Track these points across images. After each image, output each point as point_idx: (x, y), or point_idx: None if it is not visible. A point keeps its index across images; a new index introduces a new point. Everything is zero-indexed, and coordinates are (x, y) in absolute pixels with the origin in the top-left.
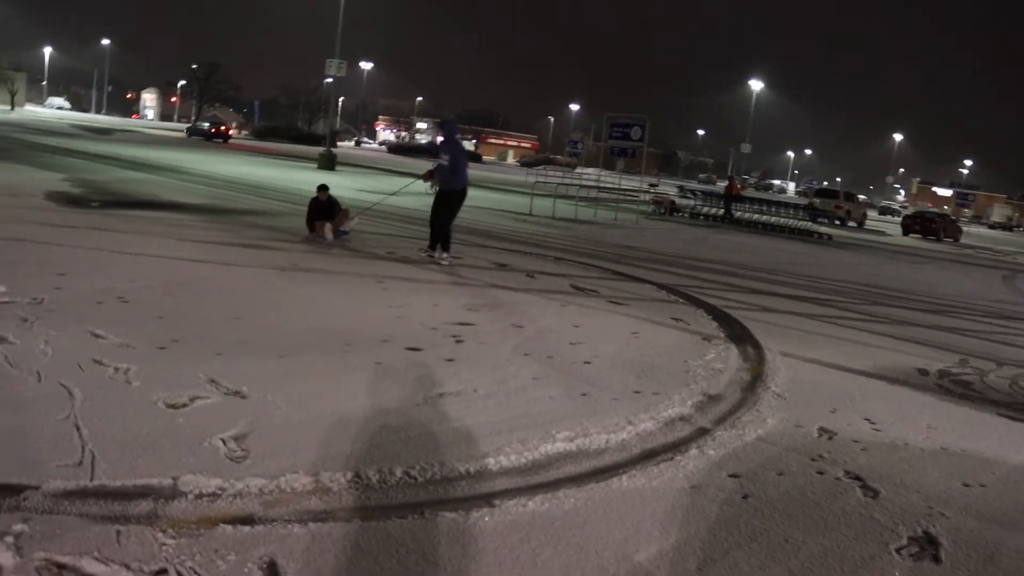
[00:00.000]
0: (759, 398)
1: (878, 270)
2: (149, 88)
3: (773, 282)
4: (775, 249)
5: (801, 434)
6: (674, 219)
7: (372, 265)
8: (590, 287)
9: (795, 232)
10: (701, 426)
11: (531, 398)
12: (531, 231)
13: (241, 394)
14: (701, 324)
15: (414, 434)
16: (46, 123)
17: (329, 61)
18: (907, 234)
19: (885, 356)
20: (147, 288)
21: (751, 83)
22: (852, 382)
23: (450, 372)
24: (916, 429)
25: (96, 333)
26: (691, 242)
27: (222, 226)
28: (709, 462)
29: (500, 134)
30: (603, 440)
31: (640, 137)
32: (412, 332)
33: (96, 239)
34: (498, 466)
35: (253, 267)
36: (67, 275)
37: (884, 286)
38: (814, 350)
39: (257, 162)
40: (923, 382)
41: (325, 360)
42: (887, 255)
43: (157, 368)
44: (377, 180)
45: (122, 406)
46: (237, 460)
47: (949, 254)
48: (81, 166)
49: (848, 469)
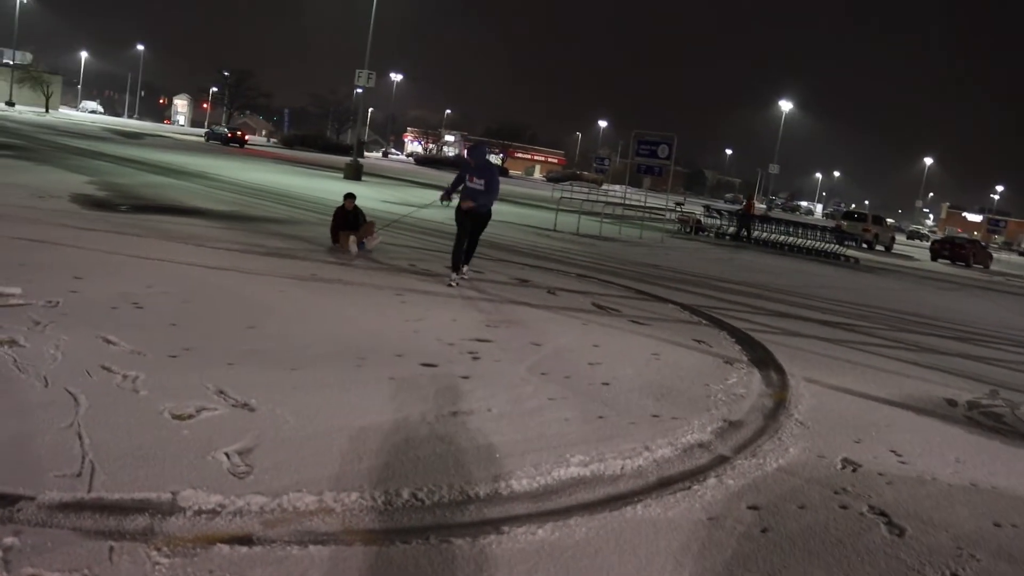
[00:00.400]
0: (781, 426)
1: (906, 296)
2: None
3: (798, 305)
4: (801, 271)
5: (824, 465)
6: (699, 239)
7: (392, 277)
8: (612, 306)
9: (822, 255)
10: (720, 454)
11: (546, 420)
12: (555, 247)
13: (249, 406)
14: (724, 347)
15: (424, 454)
16: (78, 126)
17: (359, 72)
18: (936, 259)
19: (912, 385)
20: (163, 294)
21: (781, 103)
22: (878, 411)
23: (465, 390)
24: (944, 463)
25: (108, 339)
26: (716, 262)
27: (244, 233)
28: (728, 492)
29: (527, 148)
30: (619, 466)
31: (667, 155)
32: (428, 347)
33: (117, 243)
34: (509, 490)
35: (272, 276)
36: (84, 279)
37: (912, 312)
38: (839, 377)
39: (284, 170)
40: (951, 413)
41: (337, 373)
42: (915, 280)
43: (166, 377)
44: (403, 192)
45: (127, 415)
46: (240, 476)
47: (978, 281)
48: (108, 169)
49: (873, 504)
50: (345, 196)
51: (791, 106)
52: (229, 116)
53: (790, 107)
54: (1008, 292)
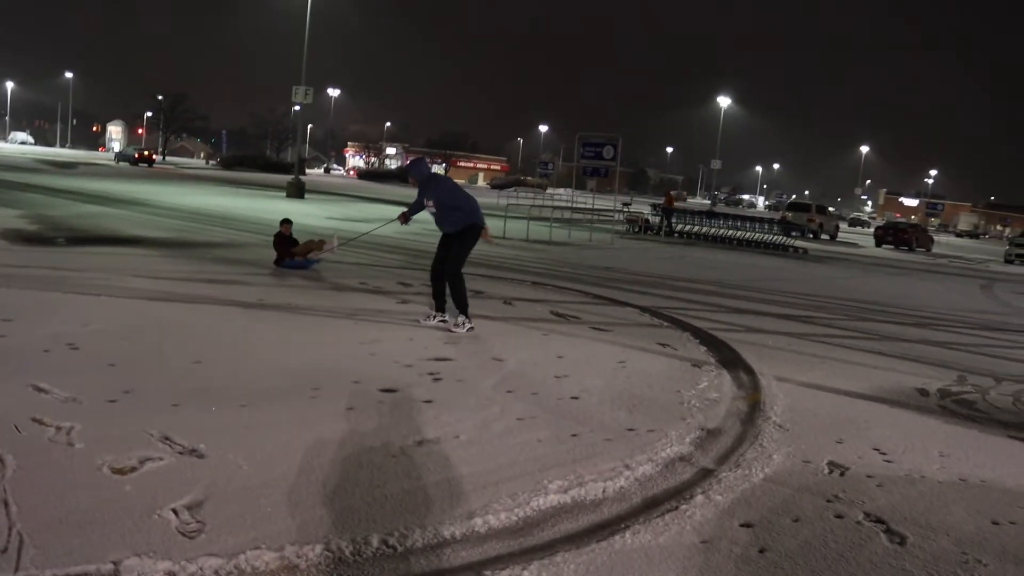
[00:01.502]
0: (760, 430)
1: (857, 283)
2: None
3: (755, 300)
4: (753, 266)
5: (811, 471)
6: (648, 237)
7: (342, 297)
8: (571, 313)
9: (770, 247)
10: (704, 466)
11: (518, 442)
12: (506, 255)
13: (198, 452)
14: (689, 349)
15: (392, 492)
16: (7, 158)
17: (296, 88)
18: (880, 245)
19: (880, 376)
20: (101, 332)
21: (719, 99)
22: (852, 407)
23: (429, 416)
24: (929, 458)
25: (39, 387)
26: (668, 260)
27: (185, 261)
28: (718, 510)
29: (470, 157)
30: (599, 489)
31: (612, 156)
32: (386, 371)
33: (50, 279)
34: (487, 527)
35: (216, 304)
36: (13, 320)
37: (866, 300)
38: (808, 372)
39: (224, 192)
40: (925, 403)
41: (291, 408)
42: (863, 267)
43: (105, 426)
44: (347, 207)
45: (61, 474)
46: (190, 535)
47: (924, 264)
48: (40, 201)
49: (868, 511)
50: (282, 222)
51: (729, 101)
52: (166, 140)
53: (728, 103)
54: (953, 274)
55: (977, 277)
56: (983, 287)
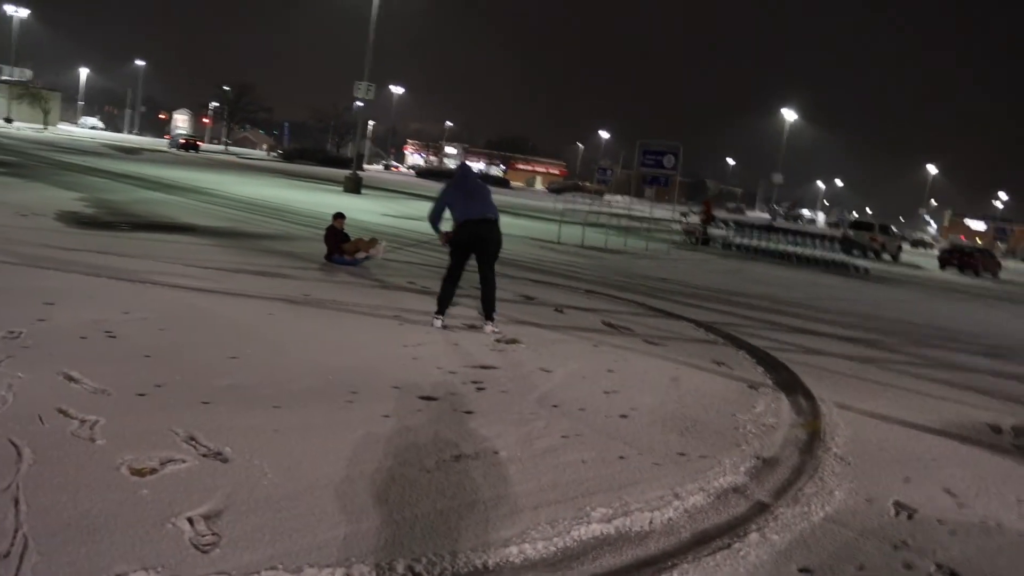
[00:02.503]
0: (820, 462)
1: (922, 307)
2: (181, 109)
3: (815, 320)
4: (813, 283)
5: (876, 512)
6: (705, 249)
7: (390, 296)
8: (623, 324)
9: (831, 265)
10: (759, 500)
11: (561, 463)
12: (559, 260)
13: (222, 456)
14: (745, 369)
15: (422, 512)
16: (77, 142)
17: (358, 84)
18: (944, 268)
19: (949, 408)
20: (140, 321)
21: (783, 112)
22: (920, 441)
23: (468, 428)
24: (1005, 504)
25: (70, 375)
26: (725, 274)
27: (235, 251)
28: (774, 551)
29: (528, 159)
30: (646, 520)
31: (673, 165)
32: (428, 377)
33: (98, 263)
34: (522, 557)
35: (261, 297)
36: (56, 304)
37: (932, 325)
38: (871, 401)
39: (282, 184)
40: (998, 441)
41: (325, 412)
42: (928, 291)
43: (130, 421)
44: (403, 204)
45: (77, 472)
46: (204, 548)
47: (991, 291)
48: (101, 185)
49: (940, 562)
50: (335, 216)
51: (794, 115)
52: (229, 130)
53: (793, 116)
54: (1023, 302)
55: None
56: None
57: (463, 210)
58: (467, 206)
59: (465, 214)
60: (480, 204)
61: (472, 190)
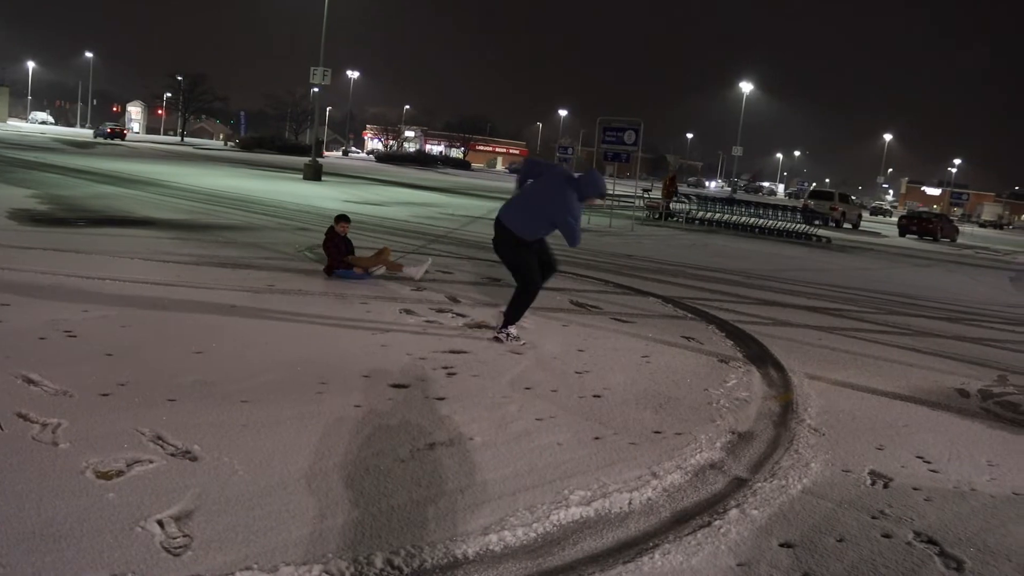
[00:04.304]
0: (795, 434)
1: (884, 275)
2: (135, 101)
3: (780, 291)
4: (776, 255)
5: (852, 482)
6: (669, 224)
7: (359, 284)
8: (591, 303)
9: (793, 235)
10: (736, 475)
11: (536, 446)
12: None
13: (191, 455)
14: (715, 343)
15: (399, 503)
16: (27, 138)
17: (314, 69)
18: (904, 235)
19: (917, 375)
20: (101, 319)
21: (741, 85)
22: (891, 409)
23: (441, 415)
24: (977, 468)
25: (29, 378)
26: (690, 248)
27: (196, 243)
28: (754, 526)
29: (489, 141)
30: (625, 500)
31: (634, 141)
32: (398, 364)
33: (55, 262)
34: (502, 544)
35: (225, 290)
36: (11, 305)
37: (895, 292)
38: (841, 370)
39: (241, 174)
40: (966, 406)
41: (295, 404)
42: (890, 258)
43: (94, 422)
44: (364, 190)
45: (40, 478)
46: (175, 551)
47: (950, 255)
48: (55, 181)
49: (918, 529)
50: (337, 219)
51: (751, 88)
52: (184, 121)
53: (751, 88)
54: (981, 265)
55: (1005, 269)
56: (1013, 280)
57: (506, 203)
58: (510, 200)
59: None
60: (513, 206)
61: (528, 189)
